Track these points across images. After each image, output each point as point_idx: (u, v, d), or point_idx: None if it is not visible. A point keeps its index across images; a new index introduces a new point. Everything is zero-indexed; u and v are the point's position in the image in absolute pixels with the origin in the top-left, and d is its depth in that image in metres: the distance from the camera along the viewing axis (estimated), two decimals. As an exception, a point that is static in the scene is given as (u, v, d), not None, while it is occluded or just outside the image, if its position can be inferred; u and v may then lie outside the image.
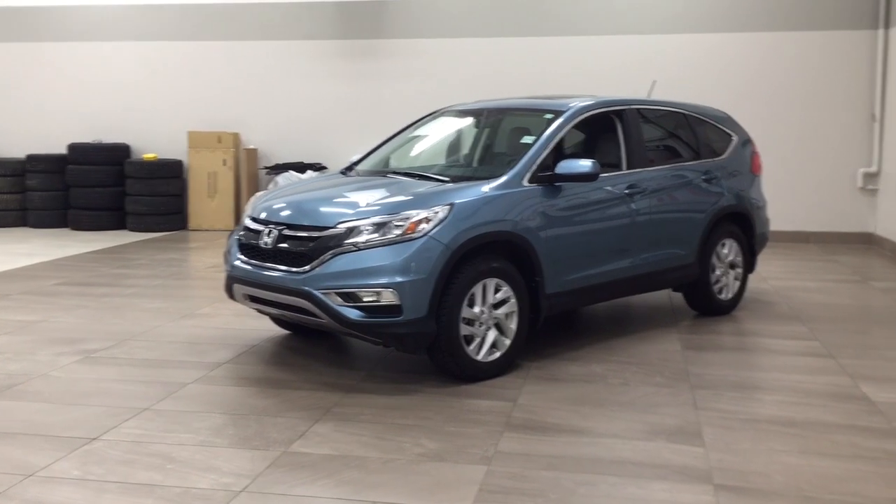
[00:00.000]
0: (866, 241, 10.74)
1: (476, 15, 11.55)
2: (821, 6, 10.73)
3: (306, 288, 4.76)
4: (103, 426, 4.22)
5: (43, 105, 12.80)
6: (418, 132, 6.61)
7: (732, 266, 6.74)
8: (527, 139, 5.72)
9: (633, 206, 5.86)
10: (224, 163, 12.02)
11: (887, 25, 10.45)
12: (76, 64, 12.64)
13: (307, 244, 4.88)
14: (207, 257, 9.77)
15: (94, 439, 4.05)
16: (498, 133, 6.34)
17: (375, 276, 4.66)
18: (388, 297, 4.65)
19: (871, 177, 10.72)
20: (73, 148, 12.17)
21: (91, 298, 7.32)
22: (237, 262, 5.28)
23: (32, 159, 12.31)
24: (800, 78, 10.84)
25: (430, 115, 6.71)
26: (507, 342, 5.07)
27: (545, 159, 5.40)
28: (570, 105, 5.82)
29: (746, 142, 7.07)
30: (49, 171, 12.26)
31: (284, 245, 4.99)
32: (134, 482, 3.58)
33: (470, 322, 4.90)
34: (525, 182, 5.26)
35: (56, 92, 12.75)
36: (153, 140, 12.45)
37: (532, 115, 6.13)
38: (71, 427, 4.21)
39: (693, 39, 11.03)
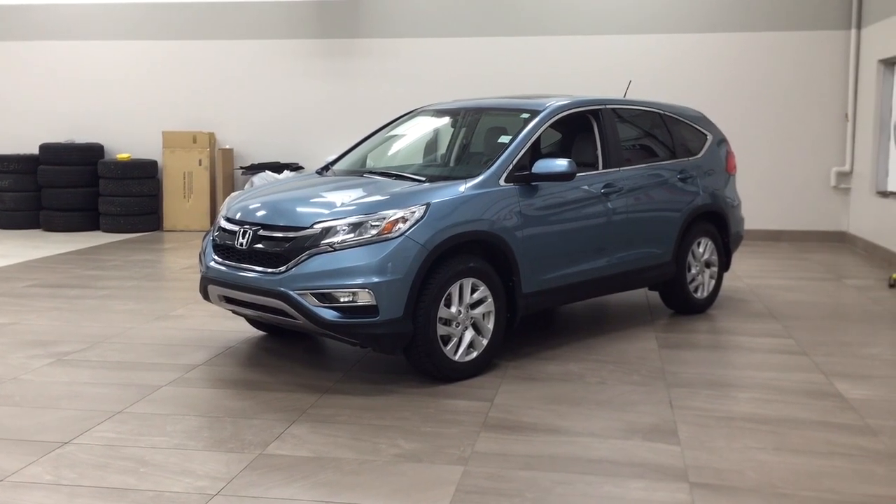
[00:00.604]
0: (839, 240, 10.86)
1: (453, 15, 11.54)
2: (794, 7, 10.83)
3: (282, 289, 4.73)
4: (76, 429, 4.16)
5: (14, 104, 12.63)
6: (395, 132, 6.59)
7: (708, 265, 6.79)
8: (503, 139, 5.72)
9: (609, 205, 5.87)
10: (199, 163, 11.93)
11: (859, 26, 10.57)
12: (48, 63, 12.49)
13: (283, 244, 4.85)
14: (182, 258, 9.69)
15: (67, 443, 4.00)
16: (474, 133, 6.34)
17: (351, 277, 4.64)
18: (365, 298, 4.63)
19: (844, 176, 10.84)
20: (45, 148, 12.02)
21: (64, 300, 7.23)
22: (212, 263, 5.24)
23: (3, 160, 12.13)
24: (773, 78, 10.94)
25: (407, 114, 6.70)
26: (484, 342, 5.07)
27: (522, 159, 5.40)
28: (547, 105, 5.83)
29: (721, 141, 7.11)
30: (20, 171, 12.10)
31: (260, 245, 4.95)
32: (107, 486, 3.54)
33: (447, 322, 4.89)
34: (502, 181, 5.26)
35: (27, 91, 12.58)
36: (127, 140, 12.33)
37: (508, 115, 6.14)
38: (43, 431, 4.16)
39: (669, 40, 11.10)
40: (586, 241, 5.76)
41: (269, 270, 4.83)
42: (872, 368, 5.30)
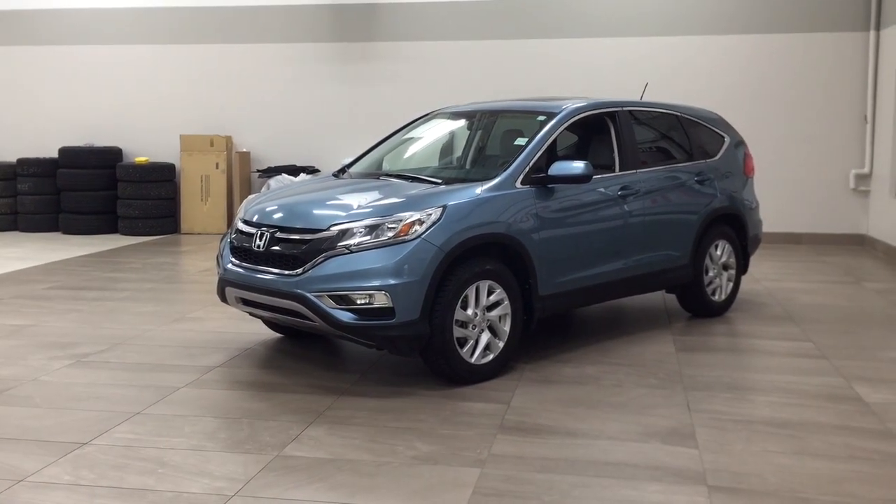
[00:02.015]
0: (858, 243, 10.77)
1: (467, 17, 11.55)
2: (813, 8, 10.76)
3: (299, 291, 4.74)
4: (95, 430, 4.19)
5: (34, 108, 12.75)
6: (411, 134, 6.60)
7: (725, 267, 6.75)
8: (520, 141, 5.71)
9: (626, 207, 5.86)
10: (216, 166, 11.99)
11: (879, 27, 10.50)
12: (68, 67, 12.61)
13: (299, 247, 4.86)
14: (200, 261, 9.74)
15: (86, 444, 4.03)
16: (491, 135, 6.33)
17: (368, 279, 4.64)
18: (381, 300, 4.63)
19: (863, 178, 10.75)
20: (65, 152, 12.12)
21: (83, 302, 7.29)
22: (229, 266, 5.26)
23: (23, 163, 12.26)
24: (792, 80, 10.88)
25: (424, 117, 6.71)
26: (501, 344, 5.06)
27: (538, 161, 5.39)
28: (563, 107, 5.82)
29: (739, 143, 7.08)
30: (40, 174, 12.21)
31: (276, 248, 4.97)
32: (126, 487, 3.56)
33: (463, 324, 4.89)
34: (518, 184, 5.25)
35: (47, 95, 12.70)
36: (145, 143, 12.42)
37: (525, 117, 6.13)
38: (62, 432, 4.19)
39: (685, 41, 11.06)
40: (603, 243, 5.74)
41: (286, 272, 4.84)
42: (892, 372, 5.25)
